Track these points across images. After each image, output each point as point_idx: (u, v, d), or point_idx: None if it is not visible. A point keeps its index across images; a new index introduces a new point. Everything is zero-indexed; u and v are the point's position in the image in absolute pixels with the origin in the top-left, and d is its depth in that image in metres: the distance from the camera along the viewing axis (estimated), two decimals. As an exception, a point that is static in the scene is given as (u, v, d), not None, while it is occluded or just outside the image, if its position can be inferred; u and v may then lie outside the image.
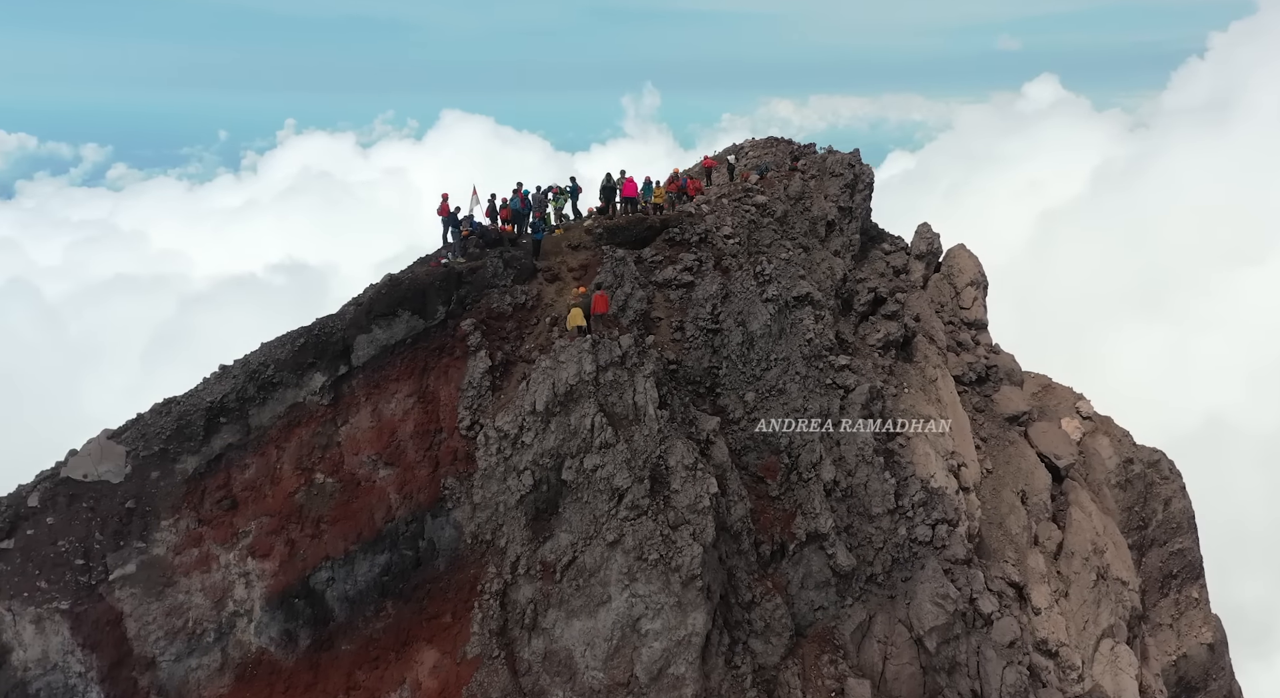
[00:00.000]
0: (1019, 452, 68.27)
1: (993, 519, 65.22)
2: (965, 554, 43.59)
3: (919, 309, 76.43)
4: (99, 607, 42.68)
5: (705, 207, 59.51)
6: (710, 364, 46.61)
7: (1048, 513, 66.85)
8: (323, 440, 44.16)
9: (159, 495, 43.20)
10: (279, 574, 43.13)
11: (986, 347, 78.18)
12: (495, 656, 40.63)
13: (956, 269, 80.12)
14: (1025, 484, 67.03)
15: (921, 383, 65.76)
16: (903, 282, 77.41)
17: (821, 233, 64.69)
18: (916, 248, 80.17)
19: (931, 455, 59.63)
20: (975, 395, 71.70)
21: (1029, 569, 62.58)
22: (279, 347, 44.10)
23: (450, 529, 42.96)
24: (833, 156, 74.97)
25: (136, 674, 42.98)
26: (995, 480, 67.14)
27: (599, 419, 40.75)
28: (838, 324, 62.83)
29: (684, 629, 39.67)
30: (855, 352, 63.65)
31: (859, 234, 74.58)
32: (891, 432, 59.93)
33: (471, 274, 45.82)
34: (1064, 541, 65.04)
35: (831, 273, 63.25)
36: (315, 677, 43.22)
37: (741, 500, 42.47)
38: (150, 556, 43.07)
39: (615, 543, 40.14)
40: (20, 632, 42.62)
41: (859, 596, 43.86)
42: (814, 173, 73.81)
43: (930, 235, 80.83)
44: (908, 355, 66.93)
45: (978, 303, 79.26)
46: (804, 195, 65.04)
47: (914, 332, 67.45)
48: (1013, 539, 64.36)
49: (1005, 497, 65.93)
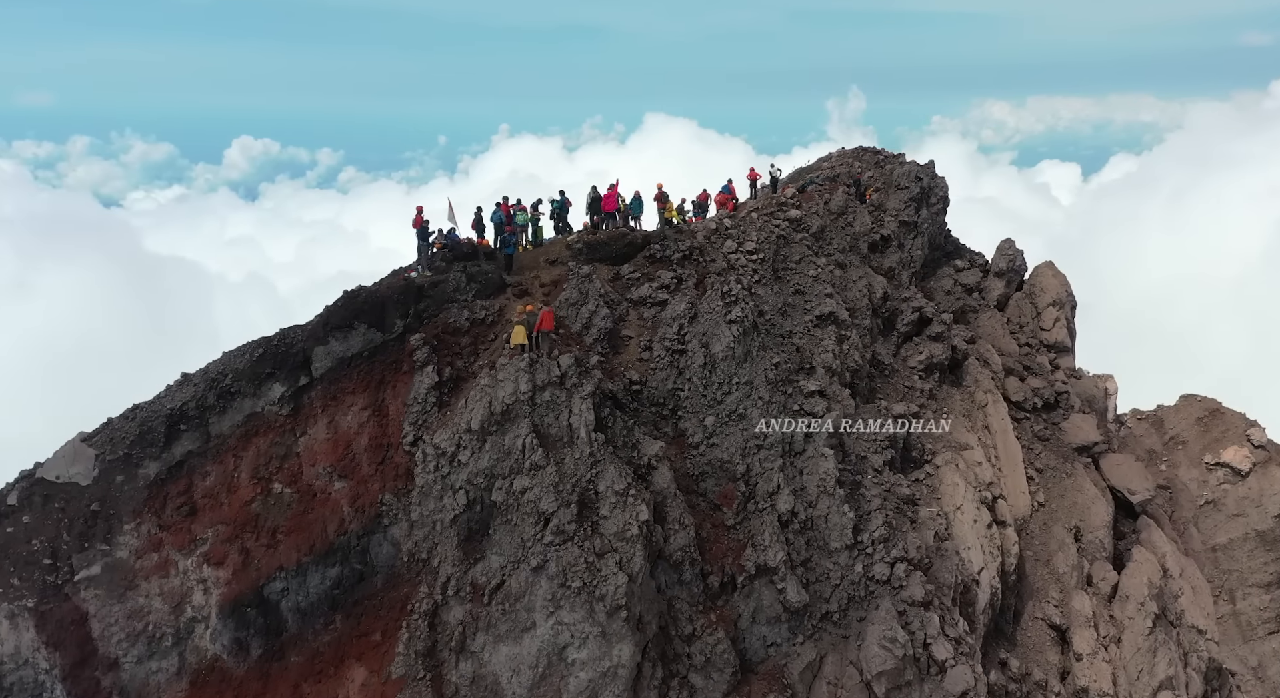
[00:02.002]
0: (1076, 485, 64.21)
1: (1039, 556, 61.61)
2: (923, 596, 40.79)
3: (988, 329, 72.94)
4: (64, 606, 43.61)
5: (728, 221, 57.79)
6: (674, 386, 44.98)
7: (1105, 552, 62.75)
8: (281, 451, 44.29)
9: (122, 499, 44.00)
10: (232, 583, 43.38)
11: (1067, 371, 73.98)
12: (420, 677, 39.95)
13: (1039, 288, 76.15)
14: (1080, 520, 63.05)
15: (967, 408, 62.44)
16: (974, 300, 74.01)
17: (864, 249, 62.05)
18: (996, 265, 76.58)
19: (960, 486, 56.53)
20: (1039, 423, 67.85)
21: (1073, 611, 58.86)
22: (238, 356, 44.47)
23: (388, 546, 42.55)
24: (899, 169, 72.10)
25: (99, 675, 43.73)
26: (1047, 515, 63.35)
27: (530, 440, 39.72)
28: (874, 345, 60.27)
29: (609, 660, 38.27)
30: (893, 374, 60.97)
31: (925, 250, 71.51)
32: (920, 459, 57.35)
33: (433, 288, 45.34)
34: (1119, 582, 60.76)
35: (869, 291, 60.57)
36: (264, 687, 43.30)
37: (684, 529, 40.72)
38: (114, 558, 43.86)
39: (540, 568, 38.99)
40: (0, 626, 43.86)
41: (811, 633, 41.56)
42: (878, 185, 71.26)
43: (1012, 252, 77.09)
44: (956, 379, 63.72)
45: (1060, 324, 75.08)
46: (846, 210, 62.53)
47: (964, 354, 64.13)
48: (1059, 578, 60.69)
49: (1056, 533, 62.14)
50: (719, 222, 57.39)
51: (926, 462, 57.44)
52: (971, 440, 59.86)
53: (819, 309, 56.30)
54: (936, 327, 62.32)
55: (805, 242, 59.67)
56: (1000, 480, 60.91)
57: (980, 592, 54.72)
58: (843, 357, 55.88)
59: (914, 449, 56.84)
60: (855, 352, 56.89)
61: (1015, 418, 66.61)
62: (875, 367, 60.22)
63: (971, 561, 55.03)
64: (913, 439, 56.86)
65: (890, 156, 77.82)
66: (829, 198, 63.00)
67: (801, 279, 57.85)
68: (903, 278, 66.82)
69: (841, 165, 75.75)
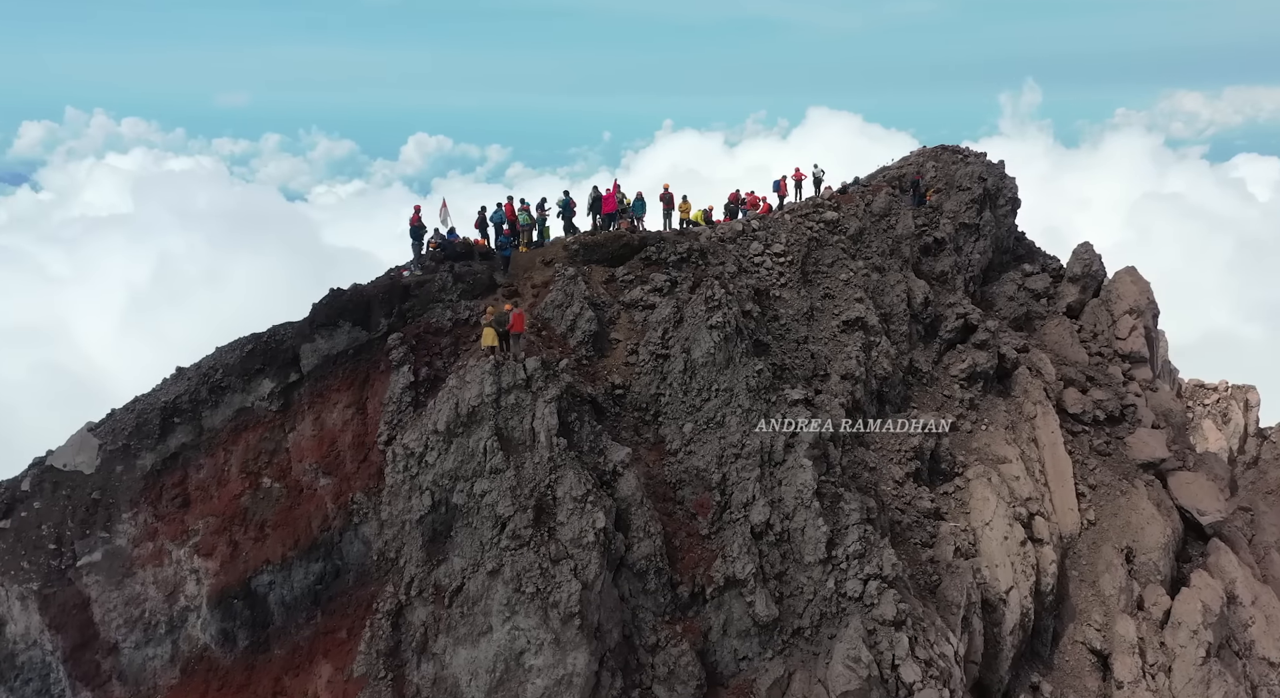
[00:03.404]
0: (1131, 503, 61.01)
1: (1085, 577, 58.83)
2: (895, 616, 39.01)
3: (1055, 338, 69.98)
4: (67, 591, 44.98)
5: (755, 222, 56.53)
6: (656, 391, 44.05)
7: (1160, 575, 59.48)
8: (270, 446, 44.88)
9: (121, 489, 45.17)
10: (220, 574, 44.13)
11: (1142, 382, 70.51)
12: (381, 677, 39.96)
13: (1116, 295, 72.80)
14: (1133, 540, 59.92)
15: (1012, 420, 59.88)
16: (1041, 307, 71.10)
17: (906, 252, 59.98)
18: (1071, 270, 73.44)
19: (991, 501, 54.36)
20: (1100, 437, 64.71)
21: (1116, 636, 56.07)
22: (229, 351, 45.25)
23: (359, 544, 42.70)
24: (962, 169, 69.59)
25: (100, 658, 44.96)
26: (1096, 533, 60.38)
27: (491, 443, 39.41)
28: (911, 351, 58.34)
29: (563, 668, 37.70)
30: (931, 383, 58.90)
31: (988, 254, 68.99)
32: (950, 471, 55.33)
33: (419, 287, 45.34)
34: (1172, 608, 57.51)
35: (909, 296, 58.57)
36: (249, 678, 43.91)
37: (649, 538, 39.83)
38: (113, 546, 45.07)
39: (495, 572, 38.67)
40: (10, 607, 45.52)
41: (782, 649, 40.23)
42: (939, 187, 68.97)
43: (1088, 257, 73.78)
44: (1004, 389, 61.18)
45: (1136, 333, 71.61)
46: (889, 212, 60.54)
47: (1014, 363, 61.53)
48: (1104, 601, 57.82)
49: (1104, 553, 59.18)
50: (745, 223, 56.18)
51: (957, 474, 55.32)
52: (1011, 453, 57.33)
53: (847, 314, 54.68)
54: (982, 334, 59.84)
55: (840, 244, 58.05)
56: (1044, 496, 58.26)
57: (1008, 611, 52.52)
58: (868, 363, 54.19)
59: (943, 461, 54.81)
60: (884, 359, 55.09)
61: (1071, 431, 63.63)
62: (912, 374, 58.23)
63: (999, 579, 52.83)
64: (942, 450, 54.79)
65: (971, 155, 75.02)
66: (871, 199, 61.07)
67: (832, 283, 56.30)
68: (956, 283, 64.49)
69: (910, 165, 73.49)
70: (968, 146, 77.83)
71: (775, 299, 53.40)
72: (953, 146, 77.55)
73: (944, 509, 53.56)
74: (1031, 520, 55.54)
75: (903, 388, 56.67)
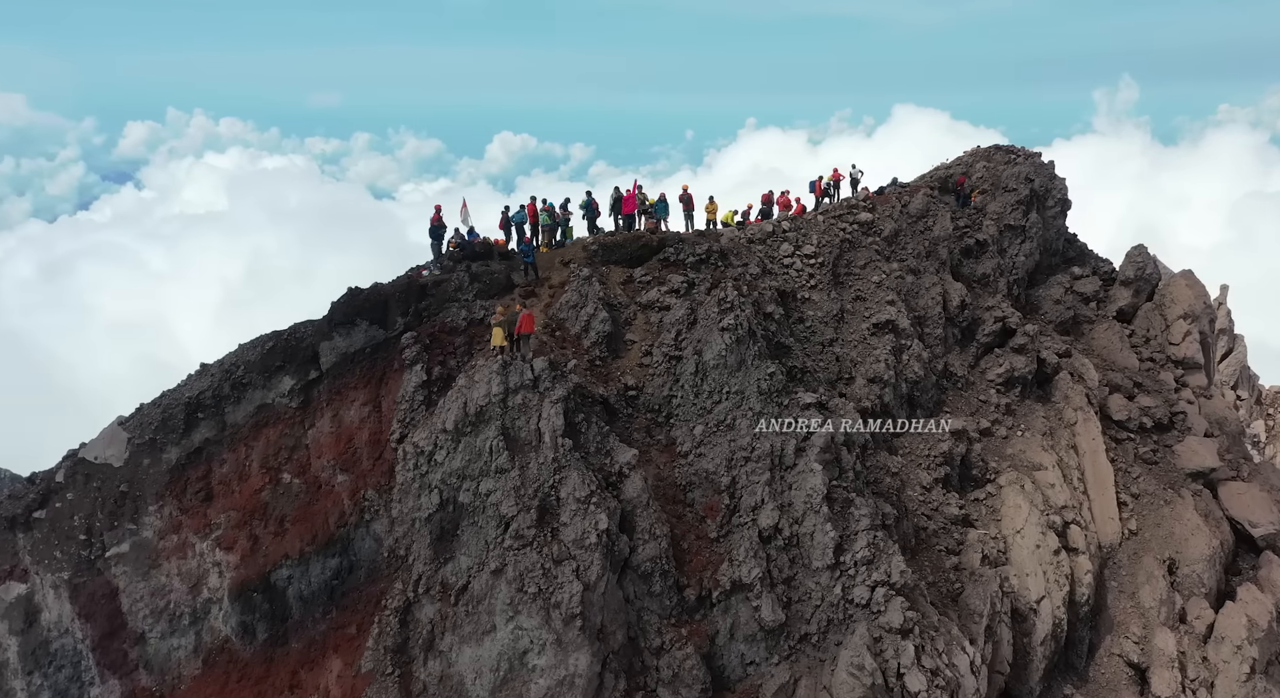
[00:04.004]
0: (1176, 513, 59.44)
1: (1124, 588, 57.48)
2: (902, 623, 38.36)
3: (1103, 342, 68.47)
4: (97, 581, 46.09)
5: (785, 224, 56.05)
6: (669, 392, 43.83)
7: (1204, 588, 57.87)
8: (290, 442, 45.52)
9: (148, 482, 46.12)
10: (240, 568, 44.88)
11: (1196, 389, 68.71)
12: (389, 673, 40.30)
13: (1170, 299, 71.05)
14: (1176, 551, 58.39)
15: (1050, 426, 58.68)
16: (1090, 311, 69.60)
17: (943, 254, 59.08)
18: (1123, 273, 71.78)
19: (1024, 509, 53.33)
20: (1147, 444, 63.12)
21: (1155, 649, 54.78)
22: (251, 348, 45.95)
23: (371, 541, 43.16)
24: (1008, 170, 68.38)
25: (127, 647, 46.02)
26: (1138, 544, 58.95)
27: (497, 443, 39.54)
28: (946, 355, 57.49)
29: (565, 669, 37.72)
30: (967, 387, 57.98)
31: (1035, 256, 67.72)
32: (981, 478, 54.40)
33: (436, 287, 45.65)
34: (1215, 622, 55.94)
35: (944, 299, 57.69)
36: (267, 670, 44.62)
37: (654, 540, 39.65)
38: (140, 537, 46.05)
39: (499, 572, 38.80)
40: (45, 596, 46.78)
41: (788, 654, 39.81)
42: (984, 188, 67.87)
43: (1141, 260, 71.97)
44: (1044, 394, 59.99)
45: (1190, 338, 69.81)
46: (926, 213, 59.69)
47: (1055, 368, 60.31)
48: (1143, 613, 56.45)
49: (1145, 564, 57.76)
50: (776, 224, 55.70)
51: (989, 481, 54.35)
52: (1048, 460, 56.16)
53: (877, 316, 54.00)
54: (1021, 338, 58.69)
55: (874, 246, 57.33)
56: (1081, 504, 57.01)
57: (1038, 621, 51.51)
58: (898, 367, 53.45)
59: (974, 467, 53.87)
60: (915, 362, 54.30)
61: (1116, 438, 62.17)
62: (947, 378, 57.33)
63: (1029, 588, 51.84)
64: (973, 456, 53.85)
65: (1020, 156, 73.65)
66: (908, 201, 60.22)
67: (863, 285, 55.64)
68: (999, 285, 63.38)
69: (958, 166, 72.40)
70: (1023, 147, 76.45)
71: (803, 301, 52.88)
72: (1006, 146, 76.17)
73: (974, 516, 52.64)
74: (1066, 529, 54.35)
75: (935, 392, 55.79)
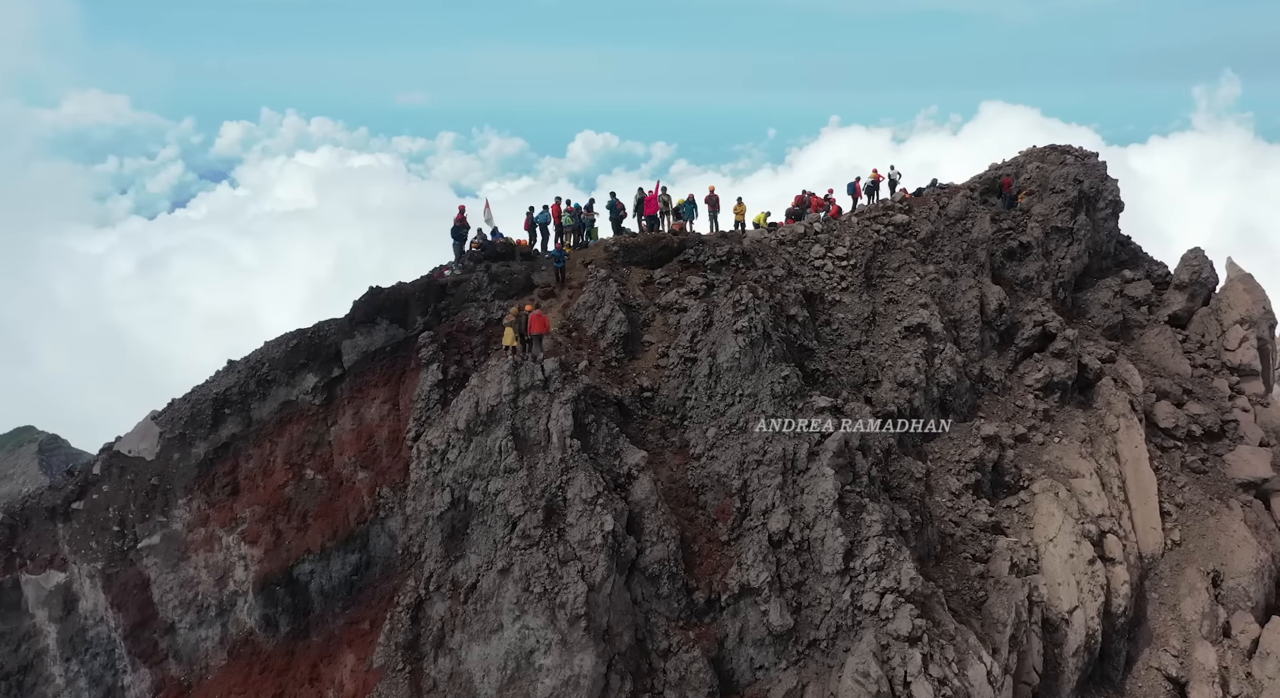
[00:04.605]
0: (1222, 525, 57.94)
1: (1165, 600, 56.21)
2: (910, 631, 37.80)
3: (1153, 347, 66.95)
4: (129, 571, 47.21)
5: (817, 225, 55.61)
6: (684, 394, 43.71)
7: (1250, 601, 56.35)
8: (314, 438, 46.18)
9: (178, 475, 47.10)
10: (264, 561, 45.67)
11: (1252, 397, 66.88)
12: (399, 669, 40.78)
13: (1226, 304, 69.22)
14: (1222, 563, 56.96)
15: (1090, 433, 57.49)
16: (1140, 315, 68.06)
17: (982, 257, 58.16)
18: (1178, 277, 70.07)
19: (1057, 517, 52.43)
20: (1196, 453, 61.62)
21: (1195, 664, 53.49)
22: (276, 346, 46.73)
23: (385, 538, 43.64)
24: (1056, 170, 67.11)
25: (157, 637, 47.10)
26: (1180, 555, 57.57)
27: (506, 443, 39.79)
28: (983, 359, 56.67)
29: (570, 669, 37.91)
30: (1003, 392, 57.06)
31: (1083, 258, 66.36)
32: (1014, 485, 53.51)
33: (455, 287, 46.01)
34: (1261, 637, 54.46)
35: (981, 302, 56.82)
36: (288, 663, 45.38)
37: (663, 542, 39.60)
38: (170, 530, 47.08)
39: (506, 571, 39.08)
40: (82, 585, 48.05)
41: (797, 660, 39.50)
42: (1032, 189, 66.72)
43: (1197, 263, 70.18)
44: (1085, 400, 58.82)
45: (1247, 345, 67.88)
46: (965, 215, 58.83)
47: (1098, 373, 59.10)
48: (1184, 626, 55.14)
49: (1188, 576, 56.40)
50: (808, 226, 55.28)
51: (1022, 488, 53.43)
52: (1085, 468, 55.01)
53: (909, 319, 53.36)
54: (1061, 342, 57.56)
55: (910, 248, 56.66)
56: (1121, 514, 55.80)
57: (1070, 632, 50.59)
58: (929, 371, 52.76)
59: (1007, 473, 53.00)
60: (948, 366, 53.56)
61: (1162, 446, 60.75)
62: (983, 383, 56.45)
63: (1061, 598, 50.94)
64: (1006, 462, 52.98)
65: (1071, 155, 72.15)
66: (946, 202, 59.38)
67: (896, 287, 55.02)
68: (1043, 289, 62.19)
69: (1008, 167, 71.20)
70: (1080, 147, 74.89)
71: (832, 303, 52.45)
72: (1061, 146, 74.60)
73: (1005, 523, 51.79)
74: (1103, 538, 53.22)
75: (970, 397, 54.95)
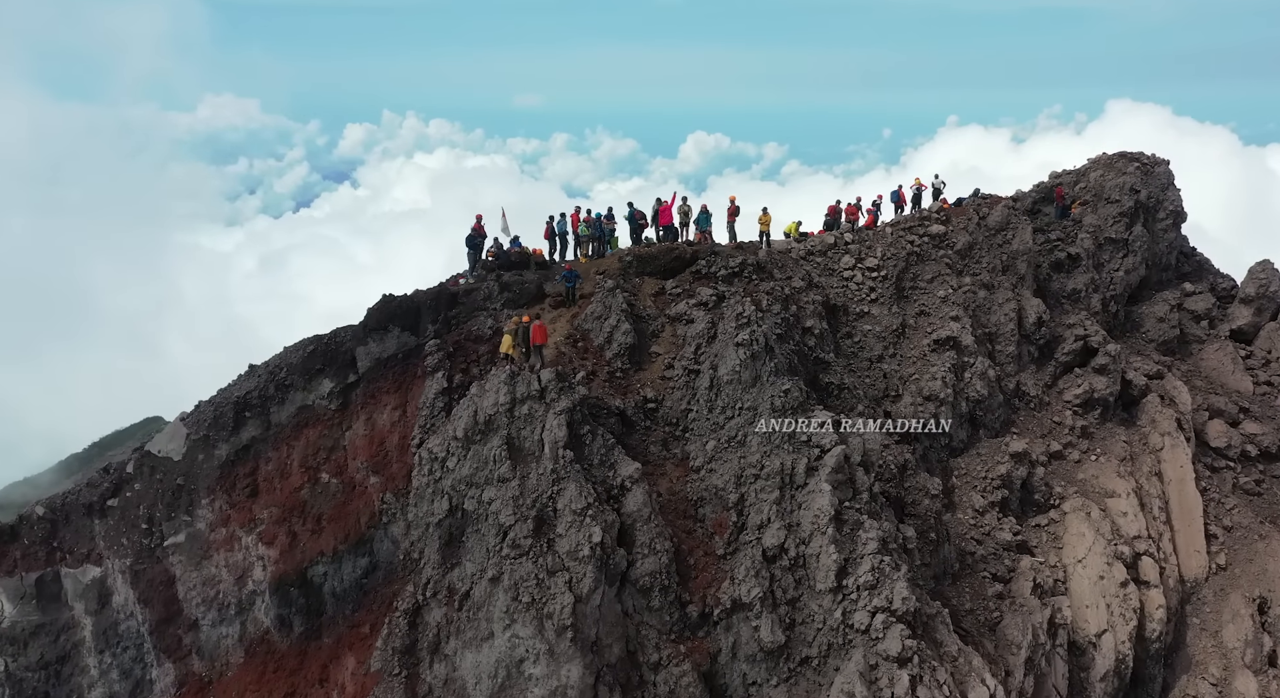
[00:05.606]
0: (1272, 549, 56.05)
1: (1207, 626, 54.48)
2: (900, 651, 37.01)
3: (1212, 363, 64.82)
4: (155, 568, 48.54)
5: (848, 236, 54.86)
6: (686, 406, 43.44)
7: (1299, 629, 54.13)
8: (329, 442, 46.94)
9: (201, 476, 48.27)
10: (279, 562, 46.56)
11: (1319, 416, 64.21)
12: (395, 673, 41.23)
13: (1296, 319, 66.50)
14: (1269, 590, 55.07)
15: (1130, 451, 55.84)
16: (1200, 330, 65.94)
17: (1022, 269, 56.84)
18: (1244, 291, 67.90)
19: (1088, 537, 51.07)
20: (1250, 474, 59.53)
21: (1234, 693, 52.04)
22: (294, 351, 47.55)
23: (389, 543, 44.11)
24: (1112, 180, 65.26)
25: (182, 633, 48.34)
26: (1225, 580, 55.72)
27: (501, 452, 40.01)
28: (1019, 373, 55.43)
29: (558, 680, 37.97)
30: (1040, 407, 55.72)
31: (1139, 270, 64.47)
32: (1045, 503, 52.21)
33: (466, 295, 46.35)
34: (1306, 668, 52.47)
35: (1019, 315, 55.54)
36: (300, 663, 46.19)
37: (655, 555, 39.41)
38: (194, 529, 48.28)
39: (496, 580, 39.28)
40: (115, 580, 49.54)
41: (788, 677, 39.00)
42: (1086, 198, 65.04)
43: (1265, 276, 67.88)
44: (1128, 418, 57.15)
45: (1314, 361, 65.23)
46: (1006, 226, 57.54)
47: (1143, 390, 57.37)
48: (1225, 653, 53.46)
49: (1232, 601, 54.58)
50: (838, 236, 54.56)
51: (1053, 507, 52.09)
52: (1123, 487, 53.39)
53: (939, 332, 52.38)
54: (1103, 358, 55.94)
55: (945, 259, 55.60)
56: (1161, 536, 54.11)
57: (1099, 656, 49.28)
58: (958, 385, 51.72)
59: (1037, 491, 51.73)
60: (979, 380, 52.44)
61: (1212, 467, 58.78)
62: (1019, 398, 55.17)
63: (1089, 620, 49.63)
64: (1036, 480, 51.69)
65: (1150, 162, 69.88)
66: (986, 213, 58.06)
67: (928, 299, 54.07)
68: (1091, 302, 60.52)
69: (1069, 176, 69.31)
70: (1153, 154, 72.32)
71: (858, 315, 51.74)
72: (1132, 154, 72.16)
73: (1032, 543, 50.56)
74: (1138, 561, 51.66)
75: (1004, 412, 53.74)
